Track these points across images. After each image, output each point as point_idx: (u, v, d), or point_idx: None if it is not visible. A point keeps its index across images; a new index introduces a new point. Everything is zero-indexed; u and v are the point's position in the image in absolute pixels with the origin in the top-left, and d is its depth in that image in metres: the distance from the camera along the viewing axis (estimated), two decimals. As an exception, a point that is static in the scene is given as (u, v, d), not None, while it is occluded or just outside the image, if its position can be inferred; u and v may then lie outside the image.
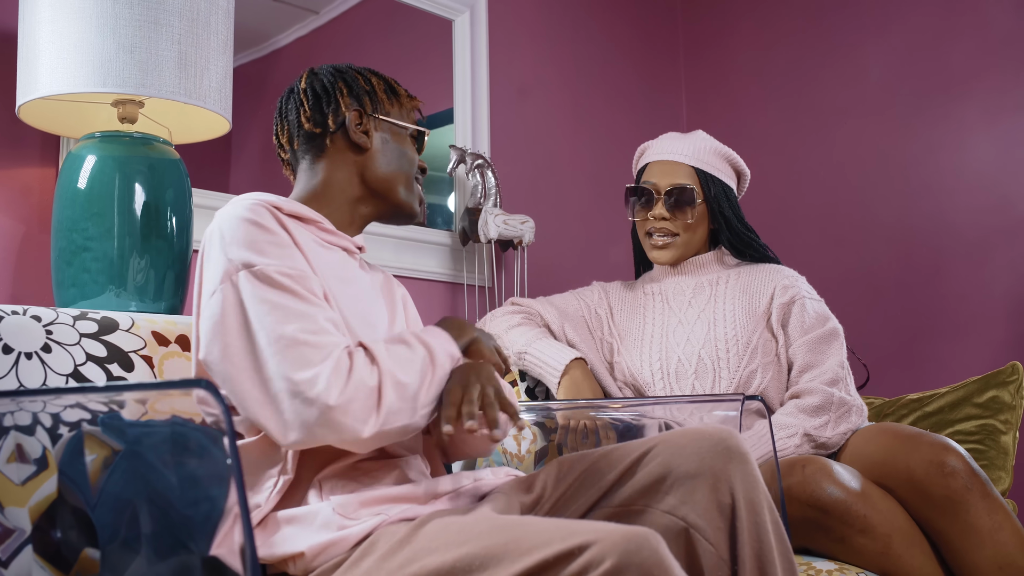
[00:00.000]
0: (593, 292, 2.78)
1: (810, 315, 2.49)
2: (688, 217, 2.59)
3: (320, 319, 1.54)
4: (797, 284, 2.56)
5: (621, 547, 1.20)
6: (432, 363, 1.59)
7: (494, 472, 1.77)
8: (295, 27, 3.02)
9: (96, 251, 2.06)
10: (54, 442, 1.59)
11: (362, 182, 1.86)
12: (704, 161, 2.63)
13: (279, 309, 1.52)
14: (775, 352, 2.50)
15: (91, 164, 2.09)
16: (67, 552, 1.54)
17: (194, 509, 1.51)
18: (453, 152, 3.12)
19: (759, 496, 1.55)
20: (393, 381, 1.51)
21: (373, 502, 1.55)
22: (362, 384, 1.49)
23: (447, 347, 1.64)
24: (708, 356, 2.50)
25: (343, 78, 1.88)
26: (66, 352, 1.77)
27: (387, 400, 1.50)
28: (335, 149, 1.85)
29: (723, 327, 2.53)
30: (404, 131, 1.92)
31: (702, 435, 1.60)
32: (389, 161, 1.88)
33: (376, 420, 1.49)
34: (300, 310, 1.53)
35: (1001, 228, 3.36)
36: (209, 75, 2.13)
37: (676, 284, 2.67)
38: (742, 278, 2.61)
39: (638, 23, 4.09)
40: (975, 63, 3.47)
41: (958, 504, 2.10)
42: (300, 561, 1.49)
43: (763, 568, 1.51)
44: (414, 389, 1.54)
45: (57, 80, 2.01)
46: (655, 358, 2.56)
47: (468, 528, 1.35)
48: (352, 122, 1.84)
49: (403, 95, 1.95)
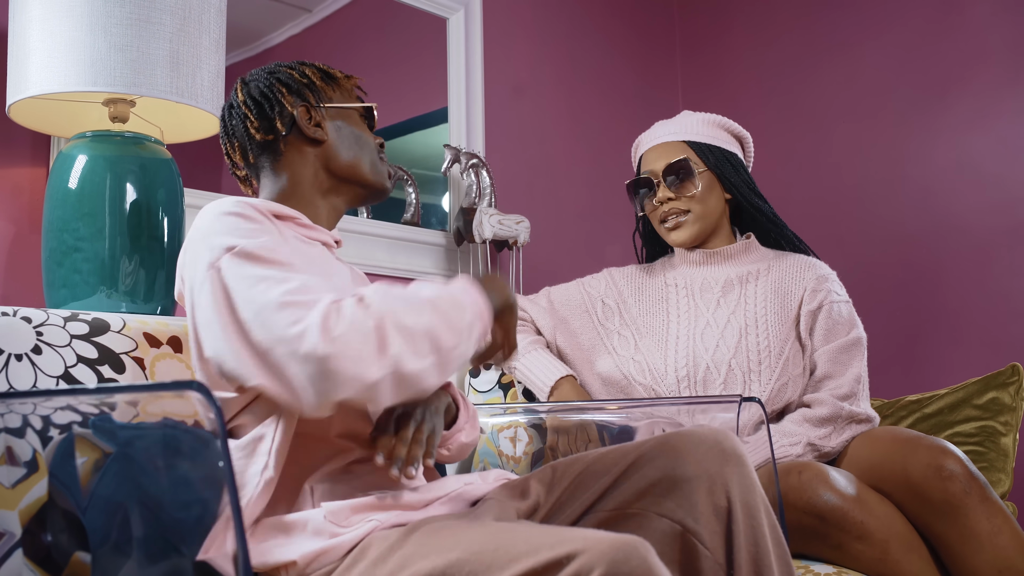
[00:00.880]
0: (600, 281, 2.72)
1: (835, 321, 2.46)
2: (691, 189, 2.55)
3: (305, 281, 1.50)
4: (826, 285, 2.52)
5: (609, 556, 1.19)
6: (450, 306, 1.55)
7: (483, 477, 1.76)
8: (288, 25, 3.02)
9: (87, 251, 2.06)
10: (44, 444, 1.59)
11: (328, 174, 1.86)
12: (695, 132, 2.59)
13: (263, 281, 1.49)
14: (803, 362, 2.47)
15: (82, 164, 2.09)
16: (57, 556, 1.54)
17: (186, 512, 1.51)
18: (447, 151, 3.12)
19: (756, 499, 1.55)
20: (395, 321, 1.46)
21: (365, 508, 1.55)
22: (356, 326, 1.43)
23: (470, 293, 1.60)
24: (739, 367, 2.45)
25: (277, 79, 1.86)
26: (57, 354, 1.77)
27: (392, 341, 1.44)
28: (292, 149, 1.84)
29: (755, 335, 2.47)
30: (354, 113, 1.91)
31: (698, 438, 1.60)
32: (349, 146, 1.87)
33: (383, 361, 1.43)
34: (283, 277, 1.50)
35: (1001, 228, 3.37)
36: (201, 74, 2.13)
37: (703, 277, 2.61)
38: (772, 274, 2.56)
39: (634, 21, 4.09)
40: (973, 61, 3.47)
41: (957, 508, 2.09)
42: (292, 569, 1.48)
43: (760, 572, 1.51)
44: (425, 329, 1.48)
45: (48, 79, 2.01)
46: (681, 363, 2.49)
47: (458, 534, 1.36)
48: (302, 119, 1.83)
49: (340, 77, 1.93)
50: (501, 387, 2.67)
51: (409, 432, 1.61)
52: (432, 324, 1.49)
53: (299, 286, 1.48)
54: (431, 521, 1.46)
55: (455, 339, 1.52)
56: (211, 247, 1.55)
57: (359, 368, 1.42)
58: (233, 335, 1.48)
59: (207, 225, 1.60)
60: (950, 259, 3.47)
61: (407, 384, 1.47)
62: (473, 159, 3.15)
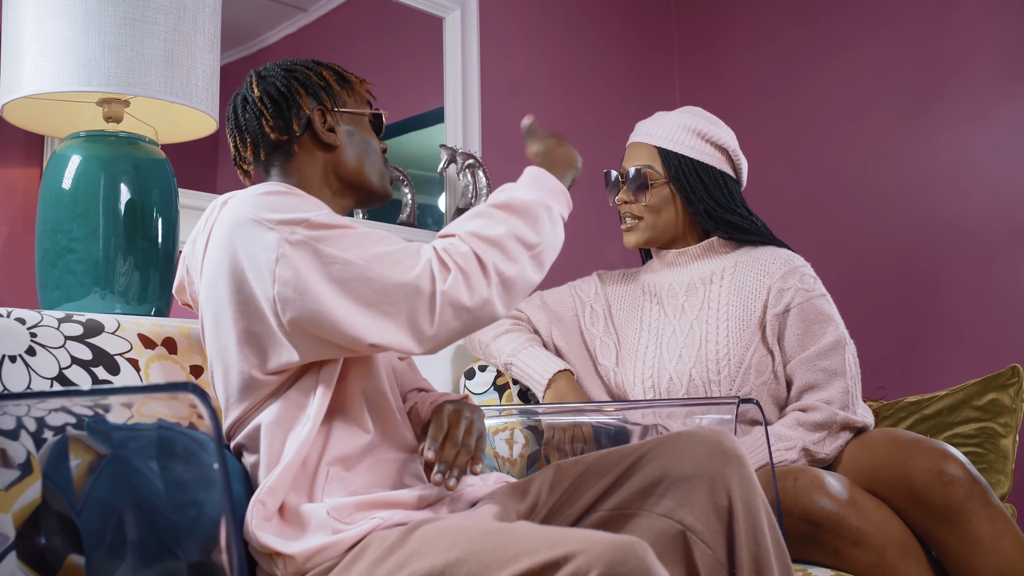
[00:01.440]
0: (590, 285, 2.73)
1: (808, 323, 2.39)
2: (645, 199, 2.54)
3: (384, 235, 1.60)
4: (793, 282, 2.43)
5: (607, 557, 1.20)
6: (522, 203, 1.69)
7: (483, 479, 1.78)
8: (283, 25, 3.03)
9: (81, 252, 2.06)
10: (38, 447, 1.59)
11: (337, 178, 1.88)
12: (670, 139, 2.54)
13: (356, 240, 1.57)
14: (771, 369, 2.42)
15: (76, 164, 2.09)
16: (51, 558, 1.54)
17: (180, 514, 1.51)
18: (444, 151, 3.12)
19: (756, 499, 1.56)
20: (483, 239, 1.60)
21: (368, 506, 1.57)
22: (458, 257, 1.56)
23: (536, 181, 1.78)
24: (699, 376, 2.44)
25: (295, 78, 1.87)
26: (51, 355, 1.77)
27: (487, 258, 1.58)
28: (304, 151, 1.85)
29: (715, 344, 2.44)
30: (363, 118, 1.93)
31: (698, 438, 1.61)
32: (359, 152, 1.89)
33: (488, 278, 1.57)
34: (369, 233, 1.59)
35: (1000, 228, 3.37)
36: (196, 74, 2.13)
37: (669, 281, 2.60)
38: (738, 272, 2.50)
39: (631, 20, 4.10)
40: (971, 61, 3.48)
41: (958, 513, 2.09)
42: (290, 563, 1.51)
43: (760, 571, 1.52)
44: (509, 234, 1.62)
45: (41, 79, 2.01)
46: (647, 375, 2.51)
47: (457, 533, 1.36)
48: (317, 122, 1.84)
49: (355, 82, 1.95)
50: (496, 389, 2.68)
51: (460, 431, 1.71)
52: (513, 227, 1.63)
53: (392, 238, 1.60)
54: (430, 521, 1.47)
55: (538, 231, 1.67)
56: (274, 224, 1.57)
57: (475, 293, 1.55)
58: (341, 299, 1.53)
59: (251, 208, 1.61)
60: (949, 260, 3.47)
61: (514, 288, 1.60)
62: (469, 159, 3.15)
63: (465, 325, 1.55)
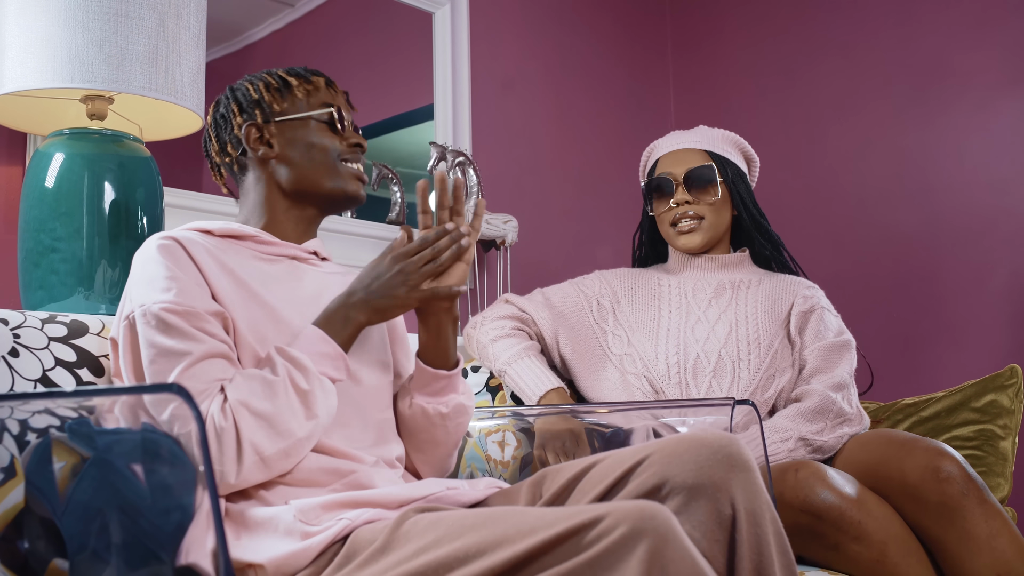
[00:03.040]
0: (594, 282, 2.75)
1: (827, 325, 2.54)
2: (711, 196, 2.63)
3: (198, 357, 1.62)
4: (817, 296, 2.62)
5: (635, 515, 1.22)
6: (301, 379, 1.64)
7: (472, 484, 1.76)
8: (270, 20, 3.03)
9: (64, 252, 2.06)
10: (21, 449, 1.59)
11: (282, 192, 1.88)
12: (716, 145, 2.68)
13: (162, 355, 1.61)
14: (791, 357, 2.53)
15: (59, 162, 2.09)
16: (34, 563, 1.54)
17: (165, 518, 1.51)
18: (433, 149, 3.12)
19: (761, 507, 1.52)
20: (250, 414, 1.58)
21: (337, 506, 1.55)
22: (213, 437, 1.56)
23: (319, 347, 1.70)
24: (729, 356, 2.52)
25: (234, 95, 1.90)
26: (34, 356, 1.77)
27: (247, 436, 1.57)
28: (252, 170, 1.89)
29: (745, 328, 2.56)
30: (307, 121, 1.89)
31: (701, 442, 1.55)
32: (298, 159, 1.87)
33: (242, 460, 1.57)
34: (181, 350, 1.61)
35: (1000, 227, 3.38)
36: (181, 70, 2.13)
37: (696, 280, 2.68)
38: (764, 285, 2.65)
39: (625, 16, 4.10)
40: (972, 57, 3.49)
41: (954, 511, 2.10)
42: (261, 573, 1.48)
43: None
44: (281, 414, 1.60)
45: (24, 75, 2.01)
46: (672, 352, 2.55)
47: (460, 521, 1.35)
48: (250, 139, 1.86)
49: (295, 85, 1.90)
50: (489, 390, 2.67)
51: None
52: (279, 408, 1.61)
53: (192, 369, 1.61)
54: (421, 514, 1.45)
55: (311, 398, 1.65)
56: (130, 296, 1.69)
57: (223, 468, 1.56)
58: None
59: (135, 265, 1.72)
60: (948, 259, 3.48)
61: (270, 463, 1.60)
62: (460, 157, 3.15)
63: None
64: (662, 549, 1.21)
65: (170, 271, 1.66)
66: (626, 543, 1.21)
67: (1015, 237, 3.35)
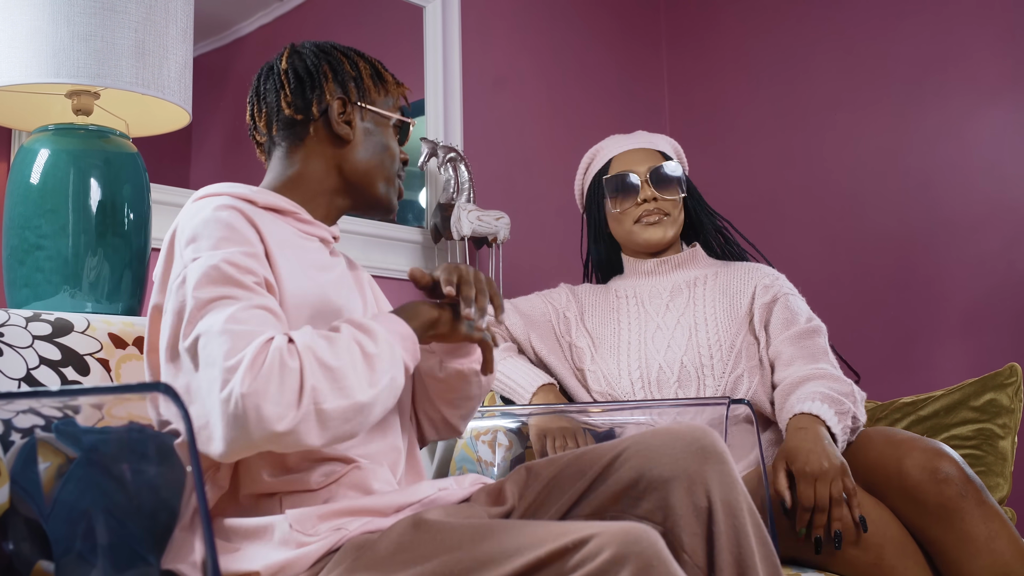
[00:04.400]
0: (560, 294, 2.76)
1: (794, 312, 2.50)
2: (676, 193, 2.64)
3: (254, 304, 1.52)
4: (778, 283, 2.58)
5: (620, 538, 1.23)
6: (369, 343, 1.54)
7: (458, 482, 1.76)
8: (258, 14, 3.03)
9: (50, 249, 2.05)
10: (6, 450, 1.59)
11: (340, 175, 1.84)
12: (663, 146, 2.71)
13: (215, 300, 1.50)
14: (758, 355, 2.50)
15: (44, 158, 2.09)
16: (19, 565, 1.54)
17: (152, 520, 1.51)
18: (424, 145, 3.13)
19: (738, 498, 1.54)
20: (316, 361, 1.46)
21: (332, 515, 1.54)
22: (276, 368, 1.42)
23: (393, 326, 1.61)
24: (691, 363, 2.49)
25: (328, 60, 1.84)
26: (18, 355, 1.77)
27: (310, 381, 1.44)
28: (315, 138, 1.82)
29: (705, 332, 2.53)
30: (388, 121, 1.89)
31: (675, 435, 1.59)
32: (371, 154, 1.85)
33: (300, 406, 1.42)
34: (238, 295, 1.51)
35: (999, 225, 3.39)
36: (168, 65, 2.13)
37: (651, 286, 2.67)
38: (720, 278, 2.63)
39: (618, 10, 4.10)
40: (972, 53, 3.49)
41: (952, 512, 2.10)
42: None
43: (744, 572, 1.50)
44: (344, 370, 1.48)
45: (8, 70, 2.01)
46: (634, 366, 2.53)
47: (446, 538, 1.36)
48: (335, 111, 1.81)
49: (390, 82, 1.91)
50: (480, 390, 2.68)
51: (469, 274, 1.68)
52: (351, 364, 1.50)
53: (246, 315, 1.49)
54: (419, 521, 1.46)
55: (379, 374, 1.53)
56: (186, 255, 1.57)
57: (276, 411, 1.40)
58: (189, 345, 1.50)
59: (190, 227, 1.61)
60: (947, 256, 3.49)
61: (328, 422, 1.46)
62: (451, 153, 3.15)
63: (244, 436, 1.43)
64: (647, 574, 1.22)
65: (232, 232, 1.60)
66: (610, 568, 1.22)
67: (1014, 233, 3.36)
